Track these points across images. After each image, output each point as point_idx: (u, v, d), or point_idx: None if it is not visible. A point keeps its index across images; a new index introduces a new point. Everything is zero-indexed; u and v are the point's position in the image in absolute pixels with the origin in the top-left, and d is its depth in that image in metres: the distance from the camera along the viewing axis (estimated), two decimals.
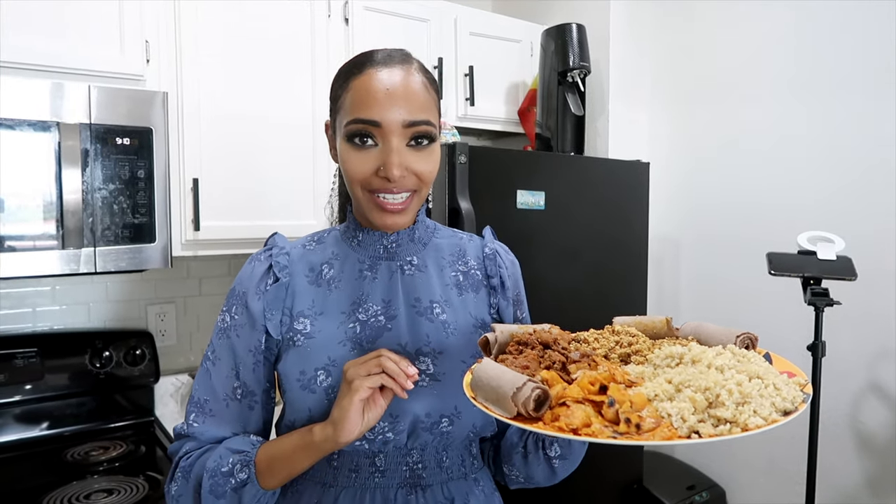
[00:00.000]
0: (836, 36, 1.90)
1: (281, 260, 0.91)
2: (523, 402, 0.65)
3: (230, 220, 1.78)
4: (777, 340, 2.05)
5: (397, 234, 0.93)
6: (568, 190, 1.93)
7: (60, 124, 1.44)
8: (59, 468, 1.59)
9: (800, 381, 0.68)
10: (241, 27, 1.77)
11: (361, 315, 0.90)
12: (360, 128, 0.83)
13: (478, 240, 1.03)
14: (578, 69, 2.17)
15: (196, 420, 0.88)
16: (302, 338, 0.88)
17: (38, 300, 1.83)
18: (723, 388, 0.63)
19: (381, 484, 0.88)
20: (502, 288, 0.99)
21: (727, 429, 0.61)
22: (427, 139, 0.85)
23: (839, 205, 1.90)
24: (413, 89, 0.84)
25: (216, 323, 0.91)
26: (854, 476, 1.89)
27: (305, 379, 0.86)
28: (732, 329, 0.80)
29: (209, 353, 0.91)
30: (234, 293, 0.91)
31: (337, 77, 0.90)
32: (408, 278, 0.93)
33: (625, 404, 0.63)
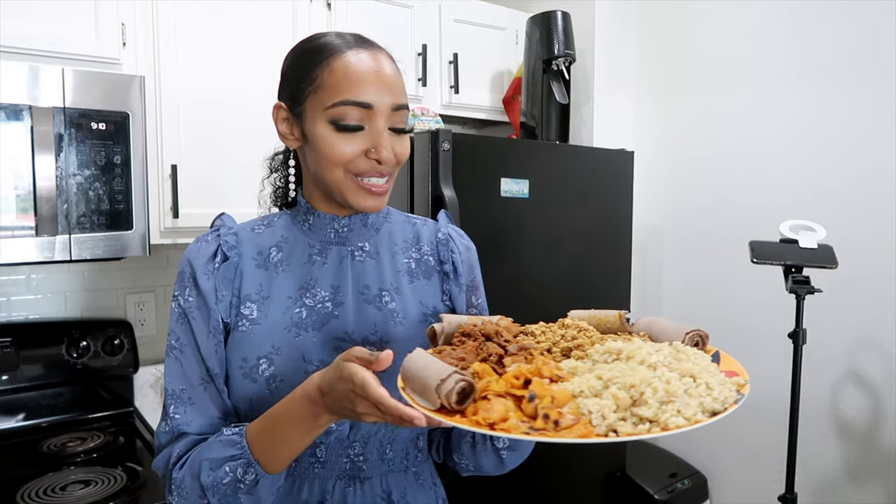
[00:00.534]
0: (823, 26, 1.90)
1: (229, 240, 0.88)
2: (446, 394, 0.63)
3: (210, 208, 1.75)
4: (759, 329, 2.07)
5: (349, 219, 0.91)
6: (552, 178, 1.92)
7: (33, 108, 1.41)
8: (35, 460, 1.56)
9: (739, 381, 0.67)
10: (220, 11, 1.73)
11: (308, 300, 0.87)
12: (349, 110, 0.81)
13: (432, 224, 1.01)
14: (563, 57, 2.16)
15: (177, 412, 0.84)
16: (247, 323, 0.85)
17: (12, 289, 1.79)
18: (648, 385, 0.62)
19: (321, 475, 0.86)
20: (455, 274, 0.97)
21: (646, 428, 0.59)
22: (405, 126, 0.86)
23: (822, 194, 1.91)
24: (396, 74, 0.85)
25: (171, 309, 0.87)
26: (834, 463, 1.92)
27: (248, 367, 0.84)
28: (684, 326, 0.78)
29: (172, 340, 0.87)
30: (183, 275, 0.87)
31: (306, 55, 0.86)
32: (358, 264, 0.91)
33: (545, 399, 0.62)
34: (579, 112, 2.38)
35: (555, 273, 1.95)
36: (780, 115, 2.01)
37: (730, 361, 0.73)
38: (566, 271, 1.98)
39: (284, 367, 0.83)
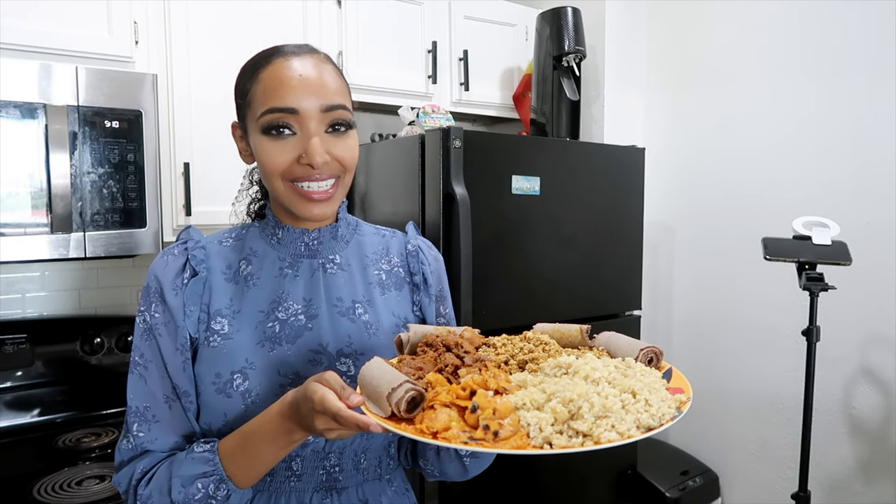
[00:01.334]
0: (835, 20, 1.89)
1: (197, 254, 0.86)
2: (396, 402, 0.66)
3: (222, 206, 1.75)
4: (770, 326, 2.06)
5: (319, 232, 0.91)
6: (563, 175, 1.91)
7: (47, 106, 1.42)
8: (51, 455, 1.57)
9: (681, 398, 0.68)
10: (231, 8, 1.74)
11: (281, 314, 0.86)
12: (276, 117, 0.80)
13: (401, 236, 1.01)
14: (574, 54, 2.15)
15: (141, 430, 0.82)
16: (218, 338, 0.84)
17: (27, 286, 1.81)
18: (586, 400, 0.64)
19: (297, 488, 0.86)
20: (425, 285, 0.97)
21: (580, 441, 0.61)
22: (344, 125, 0.84)
23: (835, 190, 1.90)
24: (325, 75, 0.83)
25: (136, 324, 0.85)
26: (846, 460, 1.91)
27: (221, 382, 0.82)
28: (639, 343, 0.81)
29: (136, 357, 0.84)
30: (149, 290, 0.85)
31: (242, 73, 0.87)
32: (330, 277, 0.90)
33: (487, 411, 0.64)
34: (590, 108, 2.37)
35: (565, 270, 1.95)
36: (792, 111, 1.99)
37: (680, 379, 0.75)
38: (577, 268, 1.98)
39: (259, 382, 0.83)
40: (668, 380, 0.75)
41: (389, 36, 2.06)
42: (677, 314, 2.40)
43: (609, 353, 0.82)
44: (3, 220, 1.38)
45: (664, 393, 0.68)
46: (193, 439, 0.83)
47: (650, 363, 0.78)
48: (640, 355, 0.78)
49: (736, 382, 2.16)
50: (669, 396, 0.68)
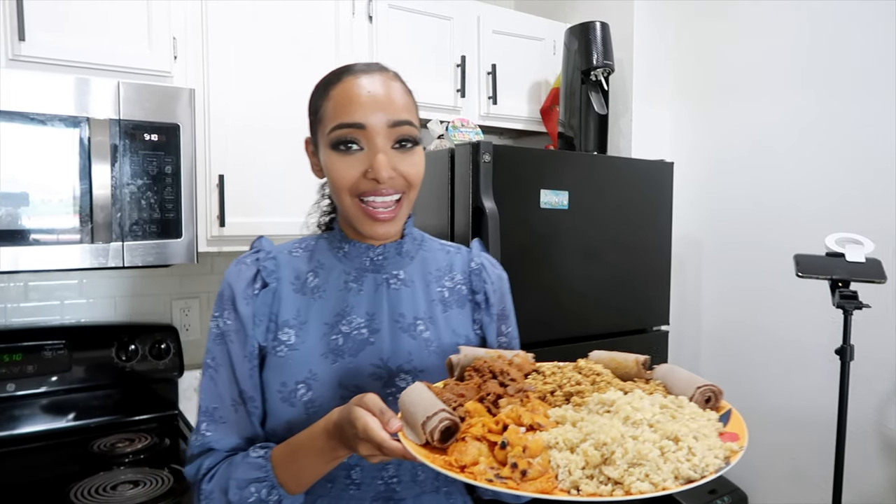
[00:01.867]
0: (862, 33, 1.87)
1: (268, 265, 0.90)
2: (430, 430, 0.65)
3: (254, 217, 1.80)
4: (801, 343, 2.03)
5: (384, 247, 0.92)
6: (591, 189, 1.92)
7: (90, 120, 1.46)
8: (86, 459, 1.61)
9: (732, 447, 0.64)
10: (266, 24, 1.78)
11: (344, 327, 0.89)
12: (344, 133, 0.83)
13: (465, 252, 1.02)
14: (602, 68, 2.16)
15: (208, 429, 0.87)
16: (285, 349, 0.87)
17: (65, 293, 1.86)
18: (620, 445, 0.61)
19: (356, 496, 0.87)
20: (486, 304, 0.98)
21: (609, 489, 0.59)
22: (411, 141, 0.86)
23: (867, 204, 1.87)
24: (393, 92, 0.86)
25: (210, 329, 0.90)
26: (880, 482, 1.87)
27: (286, 391, 0.86)
28: (697, 380, 0.75)
29: (209, 360, 0.89)
30: (222, 297, 0.89)
31: (315, 91, 0.91)
32: (393, 292, 0.92)
33: (517, 448, 0.63)
34: (618, 122, 2.37)
35: (594, 284, 1.95)
36: (821, 124, 1.97)
37: (738, 423, 0.70)
38: (605, 282, 1.98)
39: (322, 393, 0.85)
40: (725, 423, 0.70)
41: (419, 50, 2.09)
42: (706, 329, 2.38)
43: (665, 388, 0.78)
44: (46, 229, 1.43)
45: (713, 440, 0.64)
46: (255, 442, 0.87)
47: (707, 403, 0.74)
48: (696, 394, 0.74)
49: (766, 400, 2.13)
50: (719, 444, 0.63)
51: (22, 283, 1.80)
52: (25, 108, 1.39)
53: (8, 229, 1.39)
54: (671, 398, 0.72)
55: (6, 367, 1.67)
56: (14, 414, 1.70)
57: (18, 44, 1.44)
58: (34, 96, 1.40)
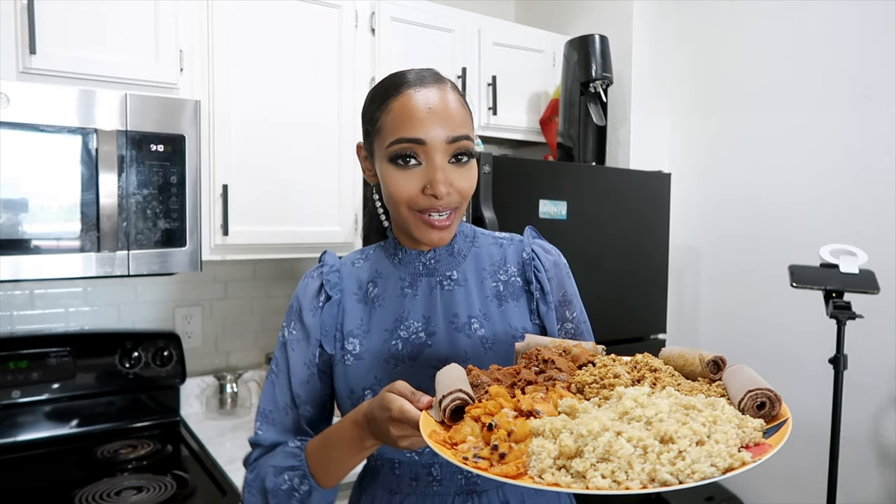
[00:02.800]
0: (859, 44, 1.90)
1: (331, 278, 0.95)
2: (443, 408, 0.69)
3: (257, 226, 1.82)
4: (797, 353, 2.05)
5: (434, 252, 0.95)
6: (590, 200, 1.94)
7: (98, 131, 1.49)
8: (90, 465, 1.63)
9: (744, 457, 0.58)
10: (270, 38, 1.81)
11: (403, 332, 0.92)
12: (404, 147, 0.85)
13: (518, 242, 1.01)
14: (601, 80, 2.19)
15: (261, 428, 0.94)
16: (351, 358, 0.92)
17: (70, 301, 1.88)
18: (594, 439, 0.59)
19: (439, 492, 0.91)
20: (542, 293, 0.97)
21: (569, 481, 0.58)
22: (467, 155, 0.87)
23: (864, 217, 1.89)
24: (451, 107, 0.87)
25: (278, 338, 0.97)
26: (875, 490, 1.88)
27: (355, 398, 0.91)
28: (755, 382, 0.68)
29: (273, 366, 0.96)
30: (291, 309, 0.96)
31: (372, 99, 0.91)
32: (447, 294, 0.94)
33: (501, 431, 0.64)
34: (616, 134, 2.40)
35: (592, 294, 1.96)
36: (819, 136, 2.00)
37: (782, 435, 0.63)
38: (603, 293, 2.00)
39: None
40: (772, 434, 0.63)
41: (421, 62, 2.11)
42: (702, 338, 2.40)
43: (725, 391, 0.72)
44: (53, 237, 1.45)
45: (720, 447, 0.58)
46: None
47: (761, 409, 0.66)
48: (745, 398, 0.66)
49: None
50: (726, 452, 0.57)
51: (27, 291, 1.83)
52: (36, 119, 1.42)
53: (16, 238, 1.41)
54: (704, 399, 0.67)
55: (12, 375, 1.70)
56: (19, 420, 1.73)
57: (29, 57, 1.47)
58: (45, 108, 1.43)
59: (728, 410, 0.64)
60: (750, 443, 0.61)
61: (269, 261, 2.22)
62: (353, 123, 1.96)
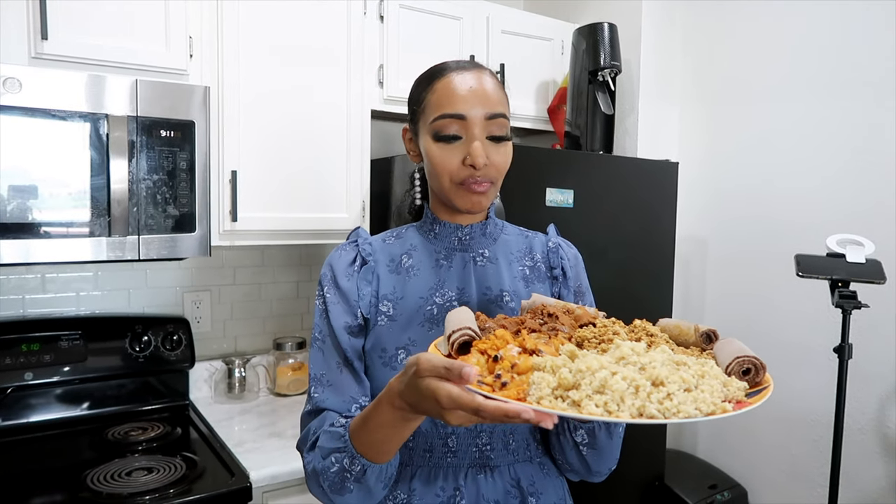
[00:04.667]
0: (870, 35, 1.89)
1: (366, 248, 1.00)
2: (451, 341, 0.73)
3: (266, 212, 1.84)
4: (803, 343, 2.06)
5: (471, 227, 1.01)
6: (597, 189, 1.95)
7: (109, 116, 1.50)
8: (101, 446, 1.66)
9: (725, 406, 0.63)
10: (279, 24, 1.82)
11: (438, 299, 0.97)
12: (446, 122, 0.92)
13: (542, 236, 1.11)
14: (609, 68, 2.18)
15: (316, 391, 0.95)
16: (385, 319, 0.96)
17: (81, 285, 1.91)
18: (591, 373, 0.64)
19: (453, 464, 0.94)
20: (564, 278, 1.06)
21: (563, 406, 0.62)
22: (503, 135, 0.95)
23: (871, 207, 1.89)
24: (489, 88, 0.95)
25: (315, 307, 1.00)
26: (878, 480, 1.89)
27: (387, 356, 0.94)
28: (743, 350, 0.73)
29: (316, 333, 0.99)
30: (325, 277, 1.00)
31: (418, 84, 1.00)
32: (480, 269, 1.01)
33: (505, 362, 0.69)
34: (624, 123, 2.40)
35: (598, 283, 1.96)
36: (827, 126, 1.99)
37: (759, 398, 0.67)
38: (609, 282, 2.00)
39: None
40: (755, 396, 0.68)
41: (429, 50, 2.12)
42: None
43: (714, 358, 0.76)
44: (65, 222, 1.47)
45: (706, 395, 0.63)
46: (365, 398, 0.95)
47: (746, 374, 0.71)
48: (733, 363, 0.71)
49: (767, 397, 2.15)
50: (709, 401, 0.62)
51: (39, 275, 1.85)
52: (48, 104, 1.43)
53: (27, 222, 1.43)
54: (692, 359, 0.72)
55: (24, 357, 1.72)
56: (31, 402, 1.75)
57: (41, 42, 1.48)
58: (56, 93, 1.44)
59: (716, 369, 0.70)
60: (732, 399, 0.66)
61: (278, 247, 2.24)
62: (360, 111, 1.96)
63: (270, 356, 2.16)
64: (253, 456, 1.60)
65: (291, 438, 1.70)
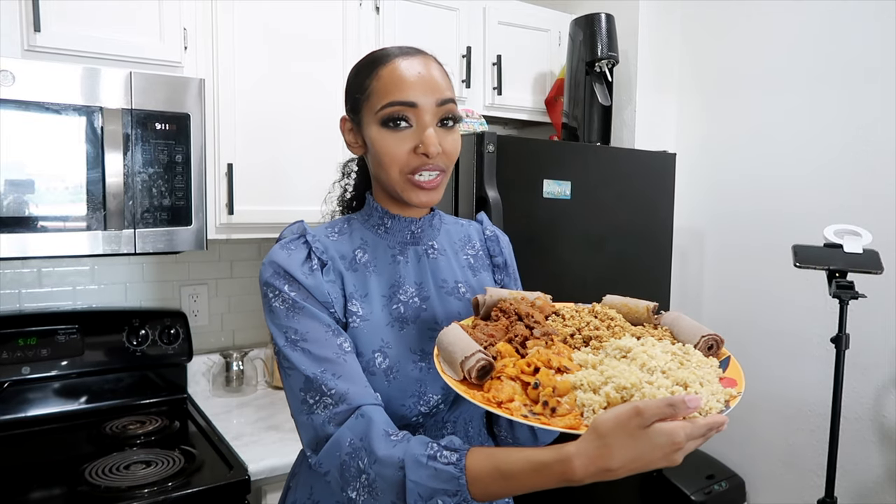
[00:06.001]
0: (866, 26, 1.88)
1: (318, 245, 0.91)
2: (468, 369, 0.73)
3: (262, 205, 1.83)
4: (800, 333, 2.06)
5: (422, 220, 0.99)
6: (594, 180, 1.94)
7: (103, 109, 1.49)
8: (99, 440, 1.66)
9: (731, 392, 0.71)
10: (274, 15, 1.81)
11: (402, 297, 0.94)
12: (396, 110, 0.88)
13: (476, 224, 1.11)
14: (606, 59, 2.18)
15: (331, 387, 0.81)
16: (357, 320, 0.89)
17: (78, 279, 1.90)
18: (638, 390, 0.68)
19: None
20: (504, 266, 1.08)
21: None
22: (453, 119, 0.92)
23: (868, 198, 1.89)
24: (437, 74, 0.92)
25: (274, 309, 0.87)
26: (875, 470, 1.90)
27: (364, 361, 0.88)
28: (702, 328, 0.82)
29: (291, 335, 0.85)
30: (277, 276, 0.88)
31: (360, 70, 0.94)
32: (433, 261, 0.99)
33: (547, 388, 0.70)
34: (621, 114, 2.39)
35: (595, 274, 1.98)
36: (825, 118, 1.99)
37: (735, 369, 0.77)
38: (606, 273, 2.01)
39: (397, 360, 0.90)
40: (724, 369, 0.77)
41: (425, 41, 2.08)
42: (706, 318, 2.41)
43: (672, 335, 0.86)
44: (60, 216, 1.46)
45: (716, 386, 0.71)
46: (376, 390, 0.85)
47: (710, 350, 0.81)
48: (700, 342, 0.81)
49: (764, 388, 2.16)
50: (720, 390, 0.70)
51: (35, 270, 1.84)
52: (41, 97, 1.42)
53: (22, 216, 1.42)
54: (678, 345, 0.80)
55: (21, 351, 1.72)
56: (29, 396, 1.75)
57: (34, 34, 1.47)
58: (49, 86, 1.43)
59: (697, 353, 0.78)
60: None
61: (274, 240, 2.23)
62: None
63: (268, 349, 2.16)
64: (251, 449, 1.60)
65: (290, 431, 1.70)
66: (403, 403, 0.90)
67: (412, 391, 0.90)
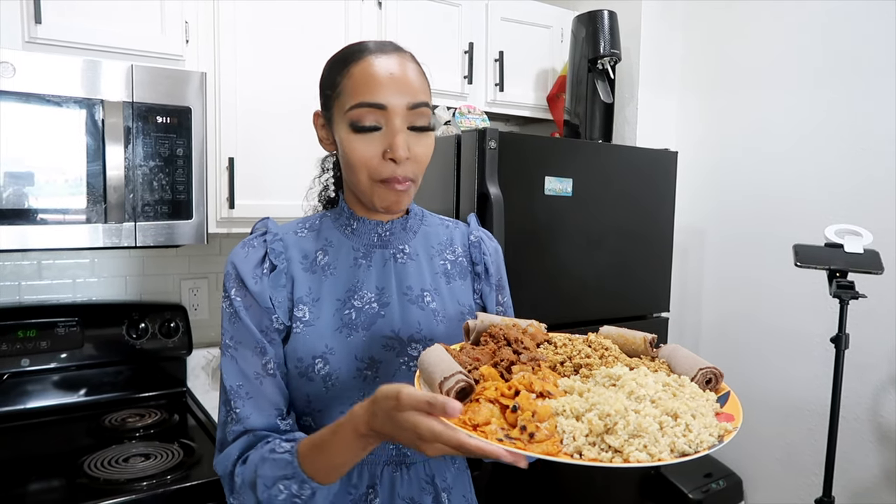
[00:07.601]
0: (867, 25, 1.88)
1: (276, 247, 0.90)
2: (447, 390, 0.69)
3: (263, 200, 1.83)
4: (800, 332, 2.06)
5: (391, 223, 0.96)
6: (595, 177, 1.94)
7: (104, 102, 1.49)
8: (98, 433, 1.66)
9: (727, 427, 0.68)
10: (276, 9, 1.80)
11: (357, 302, 0.91)
12: (365, 112, 0.84)
13: (463, 227, 1.06)
14: (609, 56, 2.17)
15: (237, 406, 0.86)
16: (301, 325, 0.88)
17: (78, 272, 1.90)
18: (622, 417, 0.64)
19: (369, 461, 0.90)
20: (486, 274, 1.02)
21: (609, 456, 0.62)
22: (425, 125, 0.88)
23: (868, 197, 1.89)
24: (411, 75, 0.87)
25: (222, 310, 0.90)
26: (872, 469, 1.90)
27: (303, 366, 0.88)
28: (700, 361, 0.79)
29: (227, 340, 0.89)
30: (229, 277, 0.89)
31: (332, 66, 0.91)
32: (400, 266, 0.95)
33: (526, 412, 0.66)
34: (623, 111, 2.39)
35: (596, 271, 1.98)
36: (827, 117, 1.99)
37: (734, 405, 0.73)
38: (607, 270, 2.01)
39: (339, 366, 0.88)
40: (723, 404, 0.73)
41: (427, 37, 2.11)
42: (706, 317, 2.41)
43: (668, 367, 0.82)
44: (60, 209, 1.46)
45: (709, 419, 0.67)
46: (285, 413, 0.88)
47: (708, 384, 0.77)
48: (697, 375, 0.77)
49: (763, 386, 2.16)
50: (714, 424, 0.67)
51: (35, 262, 1.84)
52: (42, 89, 1.42)
53: (23, 208, 1.42)
54: (674, 377, 0.76)
55: (21, 343, 1.72)
56: (28, 389, 1.75)
57: (35, 27, 1.46)
58: (50, 78, 1.43)
59: (693, 386, 0.74)
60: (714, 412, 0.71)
61: None
62: None
63: None
64: None
65: None
66: (342, 411, 0.83)
67: (355, 399, 0.87)
